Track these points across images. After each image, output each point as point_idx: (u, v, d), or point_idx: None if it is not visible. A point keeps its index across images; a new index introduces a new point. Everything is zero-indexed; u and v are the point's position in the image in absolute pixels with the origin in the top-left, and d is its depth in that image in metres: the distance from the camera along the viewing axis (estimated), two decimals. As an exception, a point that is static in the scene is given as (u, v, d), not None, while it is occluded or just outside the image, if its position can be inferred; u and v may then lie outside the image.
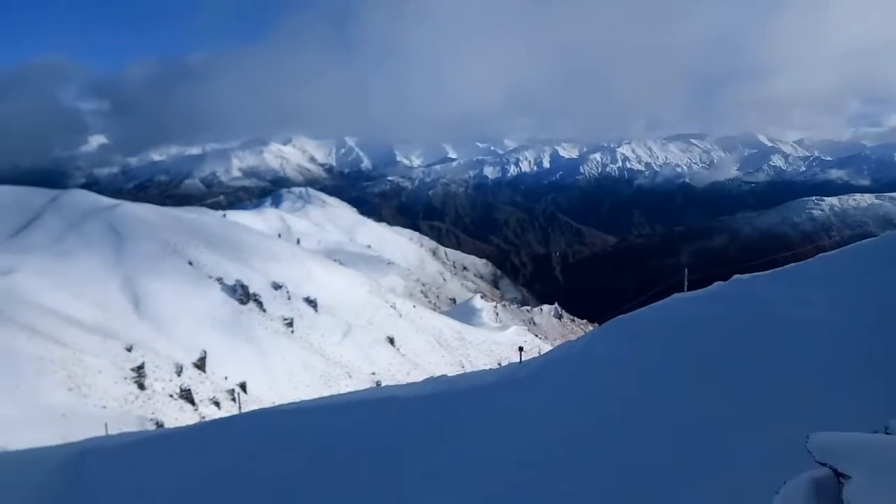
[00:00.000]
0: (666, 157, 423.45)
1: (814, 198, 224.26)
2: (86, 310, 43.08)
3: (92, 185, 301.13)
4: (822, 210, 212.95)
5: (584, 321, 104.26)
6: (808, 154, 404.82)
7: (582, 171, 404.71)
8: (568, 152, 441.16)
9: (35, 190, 64.79)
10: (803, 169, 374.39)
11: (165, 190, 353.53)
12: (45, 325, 37.13)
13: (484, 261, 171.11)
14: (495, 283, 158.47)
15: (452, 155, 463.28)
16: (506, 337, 72.99)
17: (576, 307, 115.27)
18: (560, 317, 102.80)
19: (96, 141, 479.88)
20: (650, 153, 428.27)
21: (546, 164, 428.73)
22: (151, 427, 30.65)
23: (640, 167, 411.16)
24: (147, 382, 37.06)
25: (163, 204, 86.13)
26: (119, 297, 46.72)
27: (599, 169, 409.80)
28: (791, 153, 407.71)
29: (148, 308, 46.59)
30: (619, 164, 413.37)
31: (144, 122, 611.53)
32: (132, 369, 37.12)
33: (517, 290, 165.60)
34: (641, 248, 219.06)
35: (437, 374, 21.29)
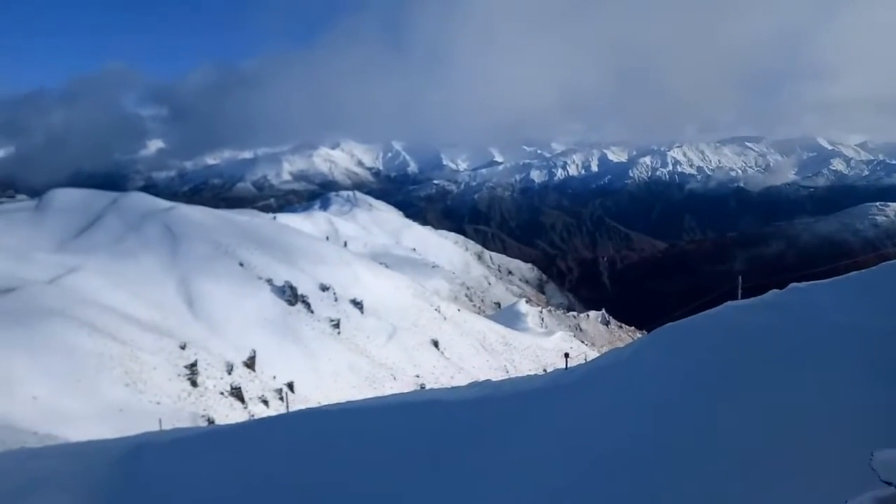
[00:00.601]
0: (719, 161, 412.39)
1: (877, 203, 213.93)
2: (143, 308, 44.74)
3: (150, 187, 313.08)
4: (886, 216, 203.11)
5: (632, 328, 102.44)
6: (871, 158, 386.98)
7: (631, 174, 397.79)
8: (617, 156, 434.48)
9: (97, 192, 67.80)
10: (866, 173, 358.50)
11: (219, 193, 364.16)
12: (105, 322, 38.71)
13: (529, 265, 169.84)
14: (541, 288, 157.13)
15: (499, 159, 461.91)
16: (551, 342, 72.29)
17: (623, 314, 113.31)
18: (607, 323, 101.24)
19: (155, 145, 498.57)
20: (702, 157, 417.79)
21: (594, 168, 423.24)
22: (203, 423, 31.57)
23: (692, 171, 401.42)
24: (199, 380, 38.19)
25: (216, 206, 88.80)
26: (174, 296, 48.35)
27: (649, 173, 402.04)
28: (853, 157, 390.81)
29: (201, 308, 48.06)
30: (670, 167, 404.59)
31: (200, 127, 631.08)
32: (185, 367, 38.32)
33: (563, 295, 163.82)
34: (692, 254, 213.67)
35: (482, 378, 21.25)
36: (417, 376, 53.23)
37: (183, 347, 40.48)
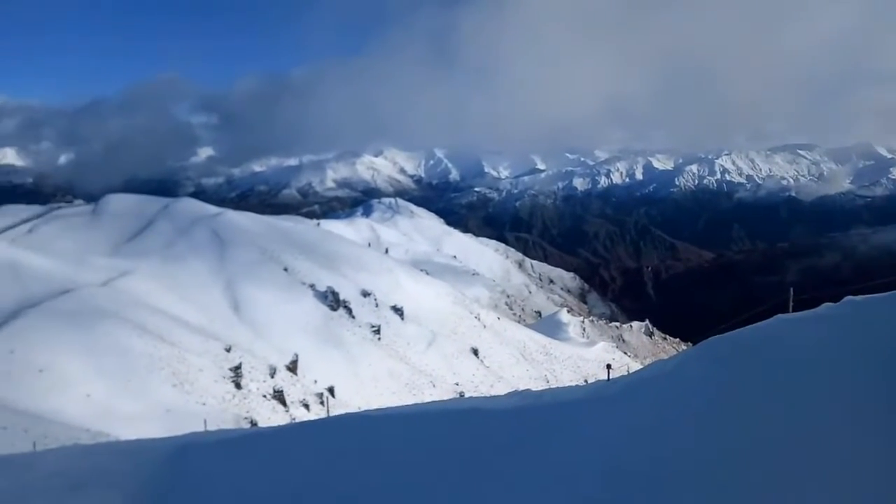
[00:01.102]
0: (770, 170, 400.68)
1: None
2: (191, 312, 46.00)
3: (200, 194, 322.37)
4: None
5: (677, 340, 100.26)
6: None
7: (677, 183, 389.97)
8: (662, 164, 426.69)
9: (149, 198, 70.30)
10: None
11: (265, 199, 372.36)
12: (155, 324, 39.95)
13: (571, 274, 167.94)
14: (583, 298, 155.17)
15: (541, 166, 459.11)
16: (593, 353, 71.27)
17: (668, 325, 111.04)
18: (651, 334, 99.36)
19: (205, 153, 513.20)
20: (752, 165, 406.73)
21: (639, 176, 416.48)
22: (246, 425, 32.20)
23: (741, 179, 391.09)
24: (243, 382, 39.00)
25: (262, 212, 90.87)
26: (221, 300, 49.57)
27: (696, 181, 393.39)
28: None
29: (246, 312, 49.13)
30: (718, 176, 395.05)
31: (248, 135, 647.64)
32: (230, 369, 39.19)
33: (605, 305, 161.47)
34: (741, 264, 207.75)
35: (521, 387, 21.08)
36: (457, 384, 53.15)
37: (228, 350, 41.44)
